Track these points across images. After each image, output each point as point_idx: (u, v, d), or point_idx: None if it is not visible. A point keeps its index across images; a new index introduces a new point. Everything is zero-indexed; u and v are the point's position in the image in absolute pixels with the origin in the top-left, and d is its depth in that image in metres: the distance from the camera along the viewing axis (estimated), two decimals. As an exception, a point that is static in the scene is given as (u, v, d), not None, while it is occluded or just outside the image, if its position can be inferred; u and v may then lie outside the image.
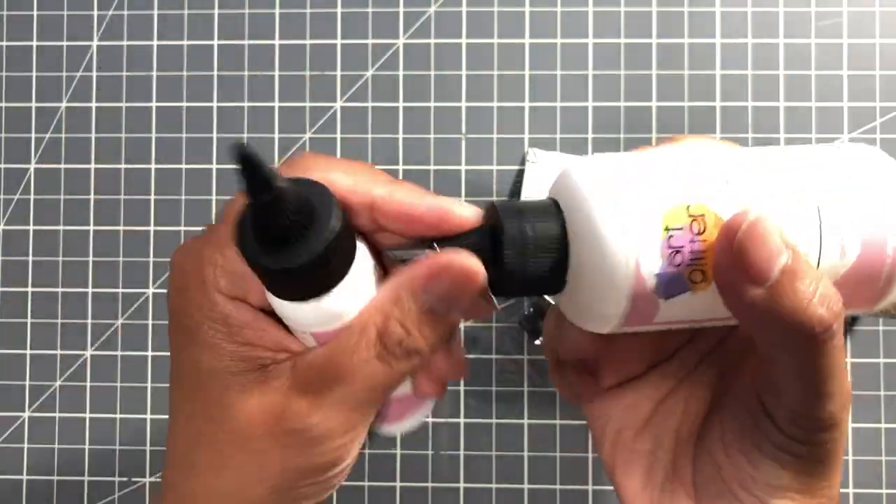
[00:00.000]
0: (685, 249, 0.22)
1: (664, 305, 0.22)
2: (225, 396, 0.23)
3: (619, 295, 0.22)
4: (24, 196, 0.49)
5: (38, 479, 0.48)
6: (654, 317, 0.23)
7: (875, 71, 0.47)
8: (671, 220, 0.22)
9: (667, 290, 0.22)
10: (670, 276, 0.22)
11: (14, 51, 0.50)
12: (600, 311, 0.23)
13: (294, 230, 0.21)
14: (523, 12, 0.48)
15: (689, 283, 0.22)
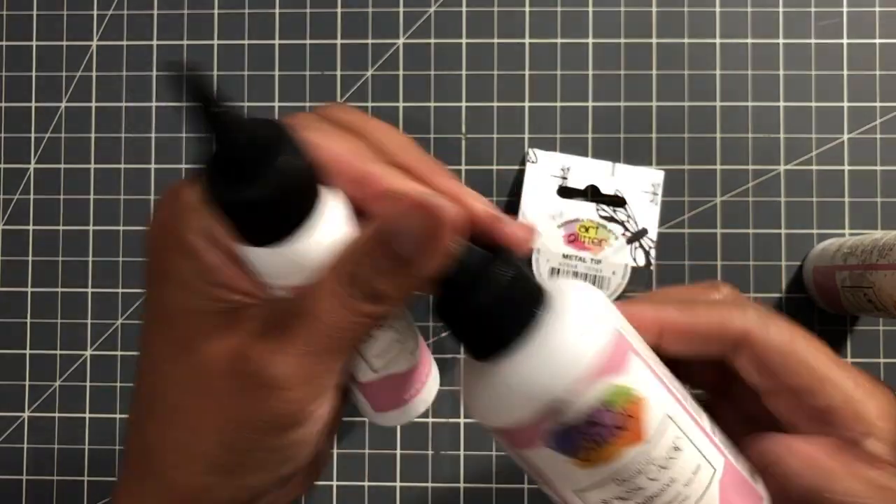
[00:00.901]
0: (602, 430, 0.21)
1: (546, 451, 0.21)
2: (193, 338, 0.22)
3: (535, 403, 0.21)
4: (24, 196, 0.49)
5: (37, 479, 0.48)
6: (529, 447, 0.22)
7: (875, 71, 0.47)
8: (616, 397, 0.21)
9: (560, 444, 0.21)
10: (574, 436, 0.21)
11: (14, 50, 0.50)
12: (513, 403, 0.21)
13: (249, 165, 0.20)
14: (523, 12, 0.48)
15: (579, 454, 0.21)
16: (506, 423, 0.21)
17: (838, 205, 0.47)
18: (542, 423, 0.21)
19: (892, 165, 0.47)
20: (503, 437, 0.22)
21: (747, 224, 0.47)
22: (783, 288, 0.47)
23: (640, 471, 0.21)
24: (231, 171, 0.20)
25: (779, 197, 0.47)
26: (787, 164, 0.47)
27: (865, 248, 0.41)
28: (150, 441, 0.22)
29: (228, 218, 0.21)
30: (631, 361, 0.22)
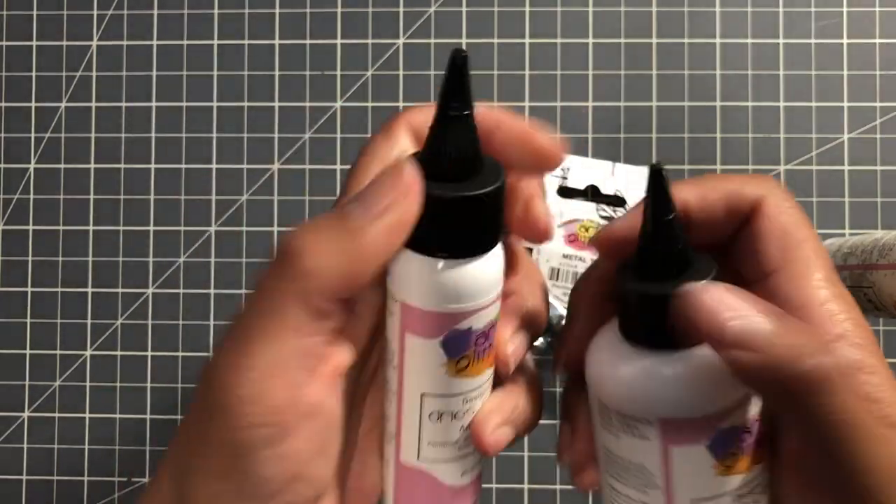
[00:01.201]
0: (749, 439, 0.22)
1: (699, 451, 0.22)
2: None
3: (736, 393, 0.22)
4: (24, 196, 0.49)
5: (37, 479, 0.48)
6: (687, 443, 0.22)
7: (875, 71, 0.47)
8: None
9: (718, 445, 0.22)
10: (730, 440, 0.22)
11: (14, 50, 0.50)
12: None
13: (456, 169, 0.19)
14: (523, 12, 0.48)
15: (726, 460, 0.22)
16: (692, 413, 0.21)
17: (838, 205, 0.47)
18: (724, 418, 0.21)
19: (892, 165, 0.47)
20: (670, 428, 0.22)
21: (747, 224, 0.47)
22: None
23: (751, 490, 0.22)
24: (441, 171, 0.20)
25: (779, 197, 0.47)
26: (787, 164, 0.47)
27: (865, 248, 0.41)
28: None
29: (433, 213, 0.20)
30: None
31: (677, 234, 0.21)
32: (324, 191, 0.48)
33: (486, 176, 0.20)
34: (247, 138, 0.49)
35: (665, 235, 0.21)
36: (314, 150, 0.49)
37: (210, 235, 0.49)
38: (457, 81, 0.19)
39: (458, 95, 0.19)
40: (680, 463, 0.22)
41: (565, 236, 0.45)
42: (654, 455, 0.22)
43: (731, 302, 0.20)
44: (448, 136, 0.19)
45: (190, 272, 0.48)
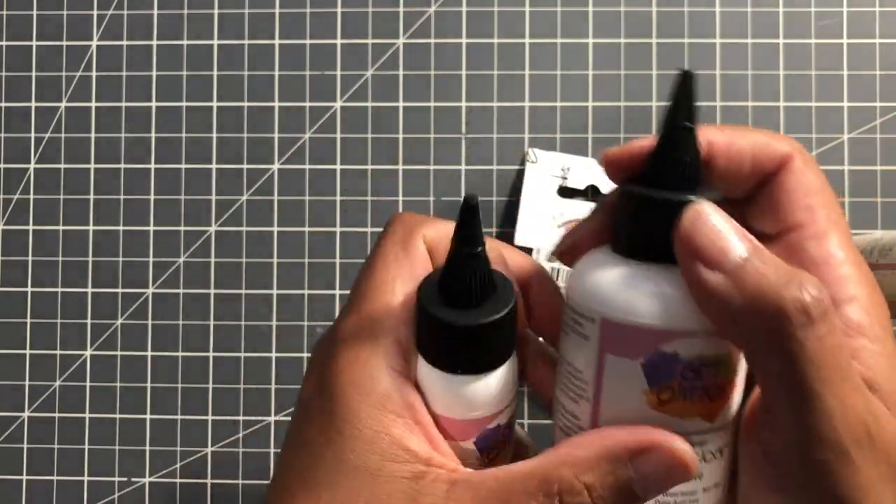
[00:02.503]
0: (695, 384, 0.21)
1: (632, 368, 0.21)
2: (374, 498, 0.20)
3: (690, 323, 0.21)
4: (24, 196, 0.49)
5: (37, 479, 0.48)
6: (626, 355, 0.21)
7: (875, 71, 0.47)
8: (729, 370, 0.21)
9: (653, 371, 0.21)
10: (670, 372, 0.21)
11: (14, 50, 0.50)
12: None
13: (475, 297, 0.21)
14: (523, 12, 0.48)
15: (661, 392, 0.21)
16: (649, 323, 0.20)
17: (838, 205, 0.47)
18: (667, 340, 0.20)
19: (892, 165, 0.47)
20: (609, 332, 0.21)
21: (747, 224, 0.47)
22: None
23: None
24: (458, 299, 0.21)
25: (779, 197, 0.47)
26: (787, 164, 0.47)
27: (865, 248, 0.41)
28: None
29: (434, 339, 0.22)
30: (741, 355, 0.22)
31: (691, 146, 0.21)
32: (324, 191, 0.48)
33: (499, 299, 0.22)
34: (247, 138, 0.49)
35: (679, 143, 0.21)
36: (314, 150, 0.49)
37: (210, 235, 0.49)
38: (470, 223, 0.21)
39: (472, 236, 0.21)
40: (611, 375, 0.21)
41: (565, 236, 0.45)
42: (591, 359, 0.22)
43: (714, 221, 0.19)
44: (466, 272, 0.21)
45: (190, 272, 0.48)
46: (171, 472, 0.48)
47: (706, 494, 0.21)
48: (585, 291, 0.22)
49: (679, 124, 0.20)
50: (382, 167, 0.48)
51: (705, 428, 0.21)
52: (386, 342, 0.22)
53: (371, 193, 0.48)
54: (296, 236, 0.48)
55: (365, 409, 0.21)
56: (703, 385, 0.21)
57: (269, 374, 0.48)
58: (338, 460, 0.21)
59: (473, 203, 0.20)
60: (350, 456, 0.21)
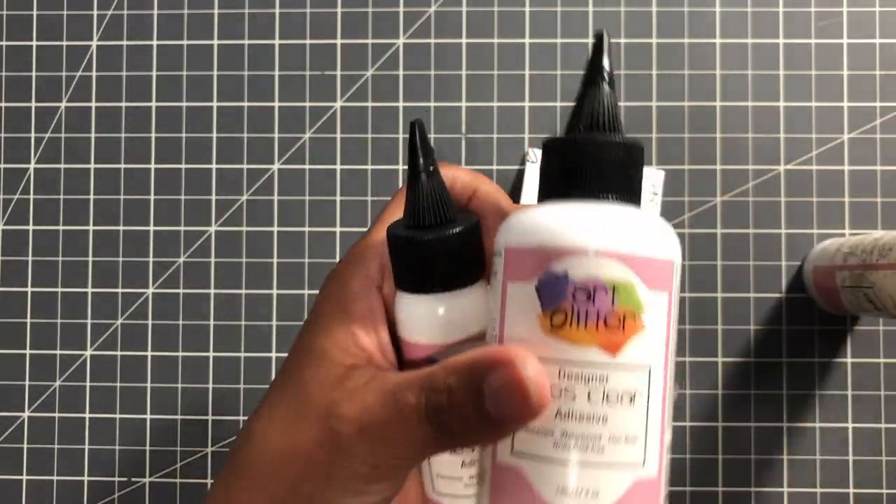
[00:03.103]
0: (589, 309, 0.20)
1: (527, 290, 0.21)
2: (315, 377, 0.23)
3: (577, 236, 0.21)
4: (24, 196, 0.49)
5: (37, 479, 0.48)
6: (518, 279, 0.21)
7: (875, 71, 0.47)
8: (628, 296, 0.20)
9: (548, 291, 0.21)
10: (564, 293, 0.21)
11: (14, 50, 0.50)
12: None
13: (437, 215, 0.22)
14: (523, 12, 0.48)
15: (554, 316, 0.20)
16: (528, 243, 0.20)
17: (838, 205, 0.47)
18: (557, 258, 0.20)
19: (892, 165, 0.47)
20: (510, 259, 0.21)
21: (747, 224, 0.47)
22: (783, 288, 0.47)
23: (587, 385, 0.20)
24: (425, 217, 0.23)
25: (779, 197, 0.47)
26: (787, 164, 0.47)
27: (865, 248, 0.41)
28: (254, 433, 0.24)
29: (401, 258, 0.23)
30: (660, 294, 0.20)
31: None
32: (324, 191, 0.48)
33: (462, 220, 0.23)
34: (247, 138, 0.49)
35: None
36: (314, 150, 0.49)
37: (210, 235, 0.49)
38: (421, 145, 0.22)
39: (424, 156, 0.22)
40: (511, 304, 0.21)
41: (565, 236, 0.45)
42: (497, 292, 0.21)
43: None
44: (424, 191, 0.23)
45: (190, 272, 0.48)
46: (171, 472, 0.48)
47: (615, 446, 0.20)
48: (501, 230, 0.22)
49: (591, 80, 0.22)
50: (382, 167, 0.48)
51: (605, 362, 0.20)
52: (369, 257, 0.25)
53: (371, 193, 0.48)
54: (296, 236, 0.48)
55: (331, 304, 0.24)
56: (598, 309, 0.20)
57: (268, 374, 0.48)
58: (298, 345, 0.25)
59: (420, 124, 0.21)
60: (306, 339, 0.24)
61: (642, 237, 0.20)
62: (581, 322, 0.20)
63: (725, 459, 0.47)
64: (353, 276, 0.24)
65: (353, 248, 0.26)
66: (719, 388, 0.47)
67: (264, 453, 0.23)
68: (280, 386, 0.24)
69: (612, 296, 0.20)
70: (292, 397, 0.23)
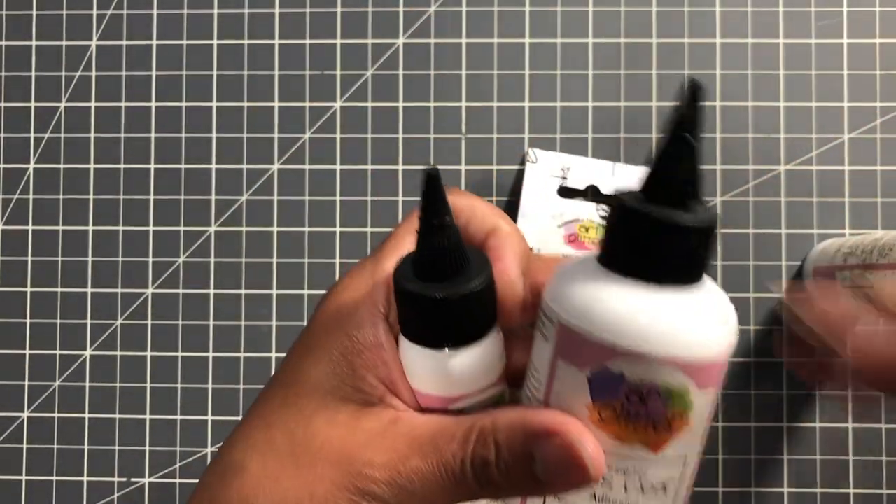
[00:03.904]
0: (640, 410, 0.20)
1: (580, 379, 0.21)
2: (315, 414, 0.22)
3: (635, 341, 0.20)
4: (23, 196, 0.49)
5: (37, 480, 0.48)
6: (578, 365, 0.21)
7: (875, 71, 0.47)
8: (679, 401, 0.20)
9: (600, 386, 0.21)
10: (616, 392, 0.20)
11: (13, 50, 0.50)
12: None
13: (450, 269, 0.21)
14: (523, 12, 0.48)
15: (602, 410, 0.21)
16: (598, 335, 0.20)
17: (838, 205, 0.47)
18: (614, 357, 0.20)
19: (892, 165, 0.47)
20: (564, 337, 0.21)
21: (747, 224, 0.47)
22: (783, 288, 0.47)
23: (625, 476, 0.21)
24: (432, 272, 0.21)
25: (779, 197, 0.47)
26: (787, 164, 0.47)
27: (865, 248, 0.41)
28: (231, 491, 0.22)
29: (408, 310, 0.22)
30: (709, 391, 0.21)
31: (688, 161, 0.20)
32: (324, 191, 0.48)
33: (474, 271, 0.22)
34: (246, 138, 0.49)
35: (677, 157, 0.21)
36: (314, 150, 0.48)
37: (210, 235, 0.49)
38: (433, 196, 0.20)
39: (437, 208, 0.21)
40: (561, 381, 0.21)
41: (565, 236, 0.45)
42: (546, 360, 0.21)
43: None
44: (423, 250, 0.21)
45: (190, 272, 0.48)
46: (170, 473, 0.48)
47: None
48: (554, 292, 0.21)
49: (679, 136, 0.20)
50: (382, 167, 0.48)
51: (647, 457, 0.20)
52: (375, 285, 0.23)
53: (371, 193, 0.48)
54: (296, 236, 0.48)
55: (333, 332, 0.23)
56: (648, 412, 0.20)
57: (268, 374, 0.48)
58: (291, 373, 0.23)
59: (434, 174, 0.20)
60: (303, 367, 0.23)
61: (704, 340, 0.20)
62: (630, 421, 0.20)
63: (725, 459, 0.47)
64: (358, 303, 0.23)
65: (353, 271, 0.24)
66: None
67: (265, 494, 0.21)
68: (272, 417, 0.23)
69: (664, 400, 0.20)
70: (294, 432, 0.22)
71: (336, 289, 0.24)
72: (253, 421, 0.23)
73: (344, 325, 0.23)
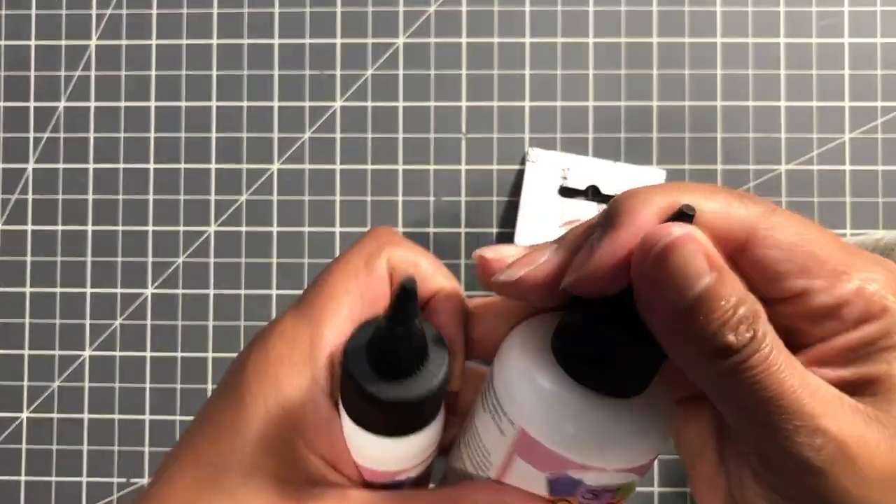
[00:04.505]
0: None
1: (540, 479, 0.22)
2: (252, 500, 0.21)
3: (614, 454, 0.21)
4: (23, 196, 0.49)
5: (36, 480, 0.48)
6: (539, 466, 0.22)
7: (876, 70, 0.47)
8: (626, 493, 0.22)
9: (558, 487, 0.22)
10: (571, 489, 0.21)
11: (12, 50, 0.49)
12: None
13: (406, 368, 0.21)
14: (523, 11, 0.48)
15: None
16: (565, 455, 0.21)
17: (839, 205, 0.47)
18: (577, 470, 0.21)
19: (893, 165, 0.47)
20: (525, 442, 0.22)
21: (748, 224, 0.47)
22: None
23: None
24: (390, 370, 0.21)
25: (780, 197, 0.47)
26: (788, 164, 0.47)
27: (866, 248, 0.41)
28: None
29: (363, 407, 0.21)
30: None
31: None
32: (323, 191, 0.48)
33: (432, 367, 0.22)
34: (246, 138, 0.49)
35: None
36: (314, 149, 0.48)
37: (209, 236, 0.48)
38: (403, 307, 0.20)
39: (404, 319, 0.20)
40: (517, 473, 0.22)
41: (566, 236, 0.45)
42: (501, 451, 0.22)
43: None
44: (383, 353, 0.21)
45: (189, 272, 0.48)
46: (170, 473, 0.48)
47: None
48: (512, 395, 0.21)
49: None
50: (382, 167, 0.48)
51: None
52: (321, 365, 0.22)
53: (371, 193, 0.48)
54: (295, 236, 0.48)
55: (276, 413, 0.21)
56: (600, 502, 0.22)
57: (268, 374, 0.48)
58: (234, 454, 0.21)
59: (411, 288, 0.20)
60: (247, 450, 0.21)
61: (655, 444, 0.21)
62: None
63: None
64: (299, 382, 0.22)
65: (285, 330, 0.23)
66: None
67: None
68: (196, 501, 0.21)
69: (614, 492, 0.22)
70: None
71: (267, 354, 0.22)
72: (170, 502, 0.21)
73: (283, 405, 0.21)
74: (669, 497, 0.47)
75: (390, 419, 0.22)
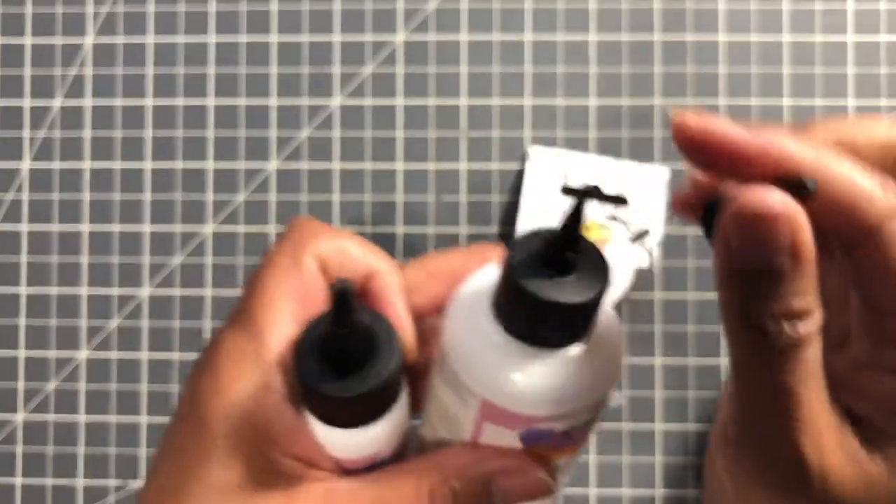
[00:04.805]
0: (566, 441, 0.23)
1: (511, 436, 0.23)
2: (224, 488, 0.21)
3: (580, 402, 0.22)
4: (18, 195, 0.49)
5: (31, 483, 0.48)
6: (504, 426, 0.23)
7: (880, 68, 0.47)
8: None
9: (531, 438, 0.23)
10: (546, 437, 0.23)
11: (7, 48, 0.49)
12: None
13: (357, 361, 0.21)
14: (524, 9, 0.48)
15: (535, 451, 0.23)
16: (529, 413, 0.22)
17: (843, 204, 0.47)
18: (544, 422, 0.22)
19: None
20: (489, 409, 0.22)
21: (751, 223, 0.47)
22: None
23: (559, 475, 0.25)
24: (339, 366, 0.21)
25: (783, 196, 0.47)
26: (791, 163, 0.47)
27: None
28: None
29: (322, 404, 0.22)
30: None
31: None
32: (322, 190, 0.48)
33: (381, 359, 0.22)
34: (244, 137, 0.48)
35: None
36: (312, 148, 0.48)
37: (206, 236, 0.48)
38: (340, 308, 0.20)
39: (343, 319, 0.21)
40: (490, 433, 0.23)
41: (567, 236, 0.45)
42: (468, 418, 0.23)
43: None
44: (329, 351, 0.22)
45: (186, 273, 0.48)
46: (167, 476, 0.47)
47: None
48: (467, 367, 0.22)
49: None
50: (381, 166, 0.48)
51: (569, 461, 0.25)
52: (274, 373, 0.22)
53: (370, 193, 0.48)
54: (294, 236, 0.48)
55: (244, 430, 0.22)
56: (573, 440, 0.23)
57: (266, 376, 0.47)
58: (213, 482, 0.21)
59: (344, 290, 0.20)
60: (225, 476, 0.21)
61: (610, 379, 0.22)
62: (558, 449, 0.23)
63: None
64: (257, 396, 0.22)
65: (230, 350, 0.23)
66: (721, 389, 0.46)
67: None
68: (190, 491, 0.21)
69: (585, 428, 0.23)
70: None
71: (219, 378, 0.23)
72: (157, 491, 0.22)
73: (247, 420, 0.22)
74: (670, 498, 0.46)
75: (355, 412, 0.22)
